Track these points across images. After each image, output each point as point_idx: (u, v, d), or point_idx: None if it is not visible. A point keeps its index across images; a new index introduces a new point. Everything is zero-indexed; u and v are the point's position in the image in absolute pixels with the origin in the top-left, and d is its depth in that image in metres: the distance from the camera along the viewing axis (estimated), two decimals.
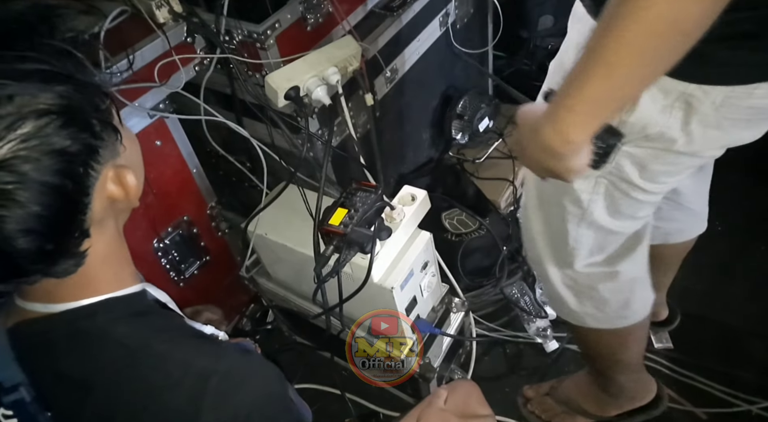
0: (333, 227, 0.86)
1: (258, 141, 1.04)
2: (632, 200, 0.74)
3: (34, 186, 0.40)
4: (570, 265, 0.85)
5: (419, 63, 1.31)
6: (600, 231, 0.79)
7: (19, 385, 0.50)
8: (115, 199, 0.49)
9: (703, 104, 0.62)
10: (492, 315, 1.36)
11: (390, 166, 1.40)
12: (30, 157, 0.40)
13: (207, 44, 0.95)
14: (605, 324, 0.92)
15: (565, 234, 0.81)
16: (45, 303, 0.50)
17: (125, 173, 0.49)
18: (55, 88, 0.41)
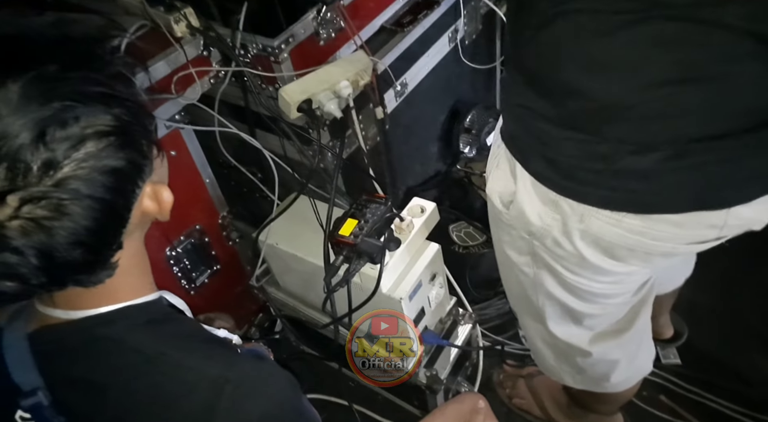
0: (343, 237, 0.87)
1: (270, 152, 1.06)
2: (576, 287, 0.71)
3: (86, 202, 0.42)
4: (545, 325, 0.82)
5: (428, 78, 1.33)
6: (562, 306, 0.76)
7: (38, 389, 0.51)
8: (148, 213, 0.51)
9: (571, 219, 0.61)
10: (499, 328, 1.37)
11: (398, 179, 1.42)
12: (87, 176, 0.42)
13: (222, 57, 0.98)
14: (584, 386, 0.91)
15: (528, 298, 0.80)
16: (66, 309, 0.51)
17: (162, 190, 0.51)
18: (113, 111, 0.43)
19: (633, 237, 0.59)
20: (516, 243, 0.73)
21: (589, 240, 0.62)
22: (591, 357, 0.82)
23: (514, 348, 1.33)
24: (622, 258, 0.63)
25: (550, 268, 0.70)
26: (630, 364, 0.85)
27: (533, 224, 0.65)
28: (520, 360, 1.31)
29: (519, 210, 0.66)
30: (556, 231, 0.63)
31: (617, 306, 0.75)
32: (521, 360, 1.31)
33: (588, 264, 0.65)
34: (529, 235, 0.68)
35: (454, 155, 1.57)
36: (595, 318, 0.77)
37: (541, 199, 0.63)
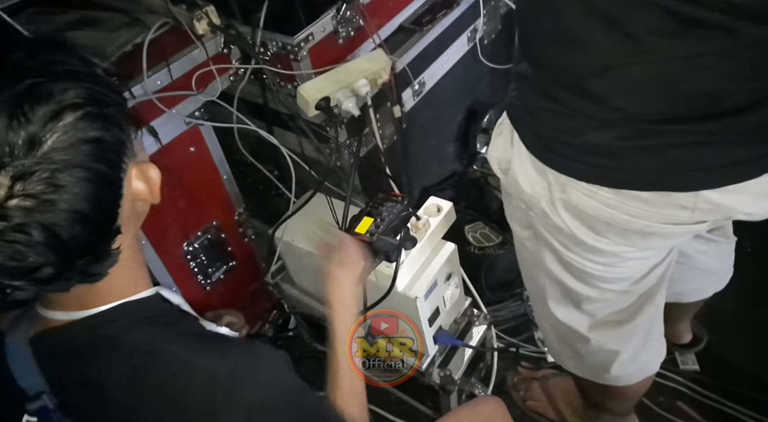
0: (359, 235, 0.87)
1: (287, 150, 1.06)
2: (573, 265, 0.71)
3: (76, 171, 0.43)
4: (547, 306, 0.82)
5: (446, 77, 1.33)
6: (562, 288, 0.75)
7: (42, 393, 0.52)
8: (139, 197, 0.51)
9: (554, 188, 0.63)
10: (514, 330, 1.35)
11: (414, 178, 1.42)
12: (71, 145, 0.43)
13: (242, 55, 0.98)
14: (584, 374, 0.90)
15: (532, 276, 0.80)
16: (67, 311, 0.52)
17: (148, 168, 0.52)
18: (83, 85, 0.45)
19: (608, 211, 0.60)
20: (516, 214, 0.74)
21: (572, 212, 0.63)
22: (589, 344, 0.81)
23: (528, 350, 1.32)
24: (601, 232, 0.64)
25: (548, 243, 0.71)
26: (632, 359, 0.84)
27: (525, 192, 0.67)
28: (534, 362, 1.30)
29: (513, 177, 0.68)
30: (543, 200, 0.65)
31: (617, 294, 0.74)
32: (536, 362, 1.30)
33: (575, 239, 0.66)
34: (524, 205, 0.70)
35: (470, 155, 1.57)
36: (593, 303, 0.76)
37: (534, 167, 0.65)
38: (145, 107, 0.87)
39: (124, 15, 0.99)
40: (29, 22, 1.05)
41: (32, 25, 1.04)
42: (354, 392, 0.70)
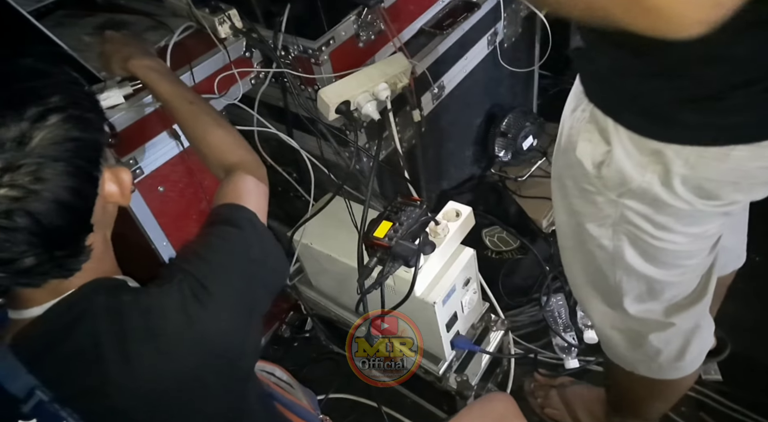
0: (378, 239, 0.87)
1: (307, 153, 1.07)
2: (662, 249, 0.71)
3: (61, 167, 0.48)
4: (620, 307, 0.81)
5: (466, 80, 1.32)
6: (643, 279, 0.76)
7: (34, 389, 0.52)
8: (110, 199, 0.55)
9: (675, 163, 0.62)
10: (531, 336, 1.34)
11: (432, 182, 1.41)
12: (57, 142, 0.48)
13: (264, 59, 0.99)
14: (658, 374, 0.88)
15: (603, 277, 0.79)
16: (41, 304, 0.54)
17: (120, 171, 0.56)
18: (66, 91, 0.50)
19: (740, 170, 0.61)
20: (600, 212, 0.73)
21: (691, 185, 0.63)
22: (671, 329, 0.81)
23: (546, 356, 1.31)
24: (724, 195, 0.64)
25: (634, 235, 0.71)
26: (702, 334, 0.84)
27: (633, 179, 0.65)
28: (552, 369, 1.29)
29: (617, 167, 0.66)
30: (656, 183, 0.64)
31: (694, 269, 0.76)
32: (554, 369, 1.29)
33: (684, 213, 0.66)
34: (619, 196, 0.68)
35: (489, 159, 1.56)
36: (674, 288, 0.77)
37: (641, 150, 0.64)
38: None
39: (149, 18, 1.00)
40: (57, 25, 1.07)
41: (60, 27, 1.06)
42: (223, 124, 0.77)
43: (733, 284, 1.10)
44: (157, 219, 0.96)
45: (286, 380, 0.93)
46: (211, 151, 0.75)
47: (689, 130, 0.60)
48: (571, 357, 1.27)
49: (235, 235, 0.62)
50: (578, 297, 0.91)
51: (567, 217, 0.80)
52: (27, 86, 0.48)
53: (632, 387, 0.95)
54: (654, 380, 0.89)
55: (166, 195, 0.96)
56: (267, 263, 0.64)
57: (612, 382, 1.03)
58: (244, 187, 0.69)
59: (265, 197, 0.73)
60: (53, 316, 0.53)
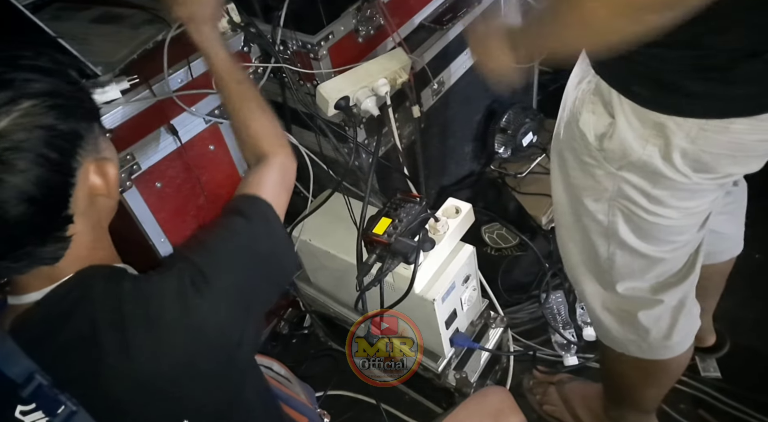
0: (377, 236, 0.86)
1: (305, 149, 1.06)
2: (655, 224, 0.73)
3: (28, 155, 0.47)
4: (610, 286, 0.83)
5: (465, 76, 1.31)
6: (635, 255, 0.77)
7: (33, 373, 0.52)
8: (96, 191, 0.54)
9: (676, 136, 0.63)
10: (531, 333, 1.34)
11: (432, 178, 1.41)
12: (26, 128, 0.46)
13: (262, 53, 0.98)
14: (648, 354, 0.89)
15: (595, 253, 0.80)
16: (38, 290, 0.54)
17: (107, 165, 0.54)
18: (46, 78, 0.49)
19: (738, 142, 0.62)
20: (598, 185, 0.74)
21: (690, 158, 0.64)
22: (658, 307, 0.82)
23: (545, 353, 1.31)
24: (722, 167, 0.65)
25: (629, 211, 0.72)
26: (690, 314, 0.85)
27: (634, 151, 0.66)
28: (551, 366, 1.29)
29: (619, 139, 0.67)
30: (656, 156, 0.65)
31: (684, 245, 0.77)
32: (553, 366, 1.28)
33: (681, 187, 0.67)
34: (619, 169, 0.70)
35: (488, 155, 1.55)
36: (662, 265, 0.78)
37: (643, 123, 0.65)
38: (166, 105, 0.88)
39: (145, 12, 0.99)
40: (53, 18, 1.06)
41: (56, 21, 1.05)
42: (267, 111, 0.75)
43: (733, 281, 1.10)
44: (154, 216, 0.95)
45: (284, 374, 0.93)
46: (249, 137, 0.73)
47: (693, 103, 0.61)
48: (570, 354, 1.26)
49: (244, 227, 0.61)
50: (572, 278, 0.92)
51: (565, 192, 0.81)
52: (3, 72, 0.47)
53: (626, 372, 0.96)
54: (646, 362, 0.90)
55: (164, 191, 0.95)
56: (274, 258, 0.63)
57: (607, 369, 1.04)
58: (268, 178, 0.69)
59: (287, 192, 0.72)
60: (51, 302, 0.53)
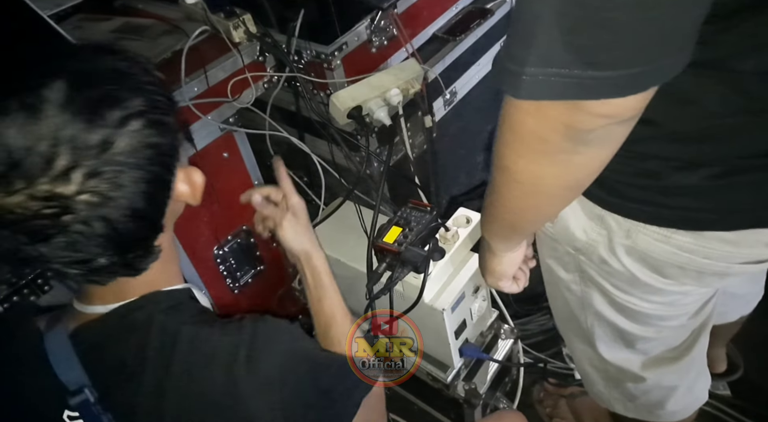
0: (387, 245, 0.87)
1: (318, 157, 1.07)
2: (627, 307, 0.68)
3: (137, 173, 0.48)
4: (594, 348, 0.78)
5: (478, 87, 1.32)
6: (613, 327, 0.72)
7: (84, 387, 0.53)
8: (181, 198, 0.55)
9: (617, 234, 0.60)
10: (541, 345, 1.33)
11: (443, 188, 1.41)
12: (134, 150, 0.47)
13: (277, 63, 1.00)
14: (636, 415, 0.86)
15: (577, 319, 0.77)
16: (104, 304, 0.55)
17: (193, 172, 0.56)
18: (145, 94, 0.49)
19: (683, 255, 0.57)
20: (562, 258, 0.71)
21: (636, 257, 0.60)
22: (645, 383, 0.78)
23: (556, 366, 1.29)
24: (673, 276, 0.61)
25: (599, 286, 0.68)
26: (688, 392, 0.81)
27: (578, 239, 0.64)
28: (562, 378, 1.27)
29: (563, 225, 0.65)
30: (601, 247, 0.62)
31: (674, 329, 0.71)
32: (563, 378, 1.27)
33: (638, 283, 0.63)
34: (574, 251, 0.67)
35: None
36: (649, 342, 0.73)
37: (587, 214, 0.62)
38: (182, 113, 0.90)
39: (164, 23, 1.02)
40: (75, 29, 1.09)
41: (78, 31, 1.08)
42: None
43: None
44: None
45: None
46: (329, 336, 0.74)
47: (632, 203, 0.57)
48: None
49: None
50: (560, 331, 0.90)
51: (540, 256, 0.78)
52: (109, 89, 0.47)
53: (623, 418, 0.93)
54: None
55: None
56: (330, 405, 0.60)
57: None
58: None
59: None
60: (114, 319, 0.55)
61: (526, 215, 0.57)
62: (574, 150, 0.44)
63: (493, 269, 0.70)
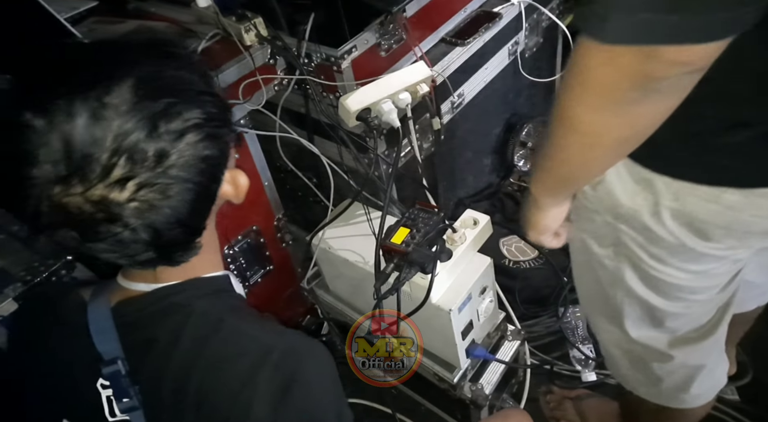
0: (395, 245, 0.88)
1: (327, 159, 1.08)
2: (662, 280, 0.68)
3: (186, 185, 0.49)
4: (622, 327, 0.78)
5: (485, 90, 1.33)
6: (644, 306, 0.72)
7: (117, 358, 0.55)
8: (225, 197, 0.56)
9: (664, 196, 0.59)
10: (548, 347, 1.33)
11: (450, 190, 1.42)
12: (188, 163, 0.48)
13: (287, 66, 1.01)
14: (658, 400, 0.85)
15: (606, 295, 0.77)
16: (148, 283, 0.58)
17: (238, 175, 0.57)
18: (202, 105, 0.50)
19: (731, 214, 0.58)
20: (599, 231, 0.71)
21: (682, 221, 0.61)
22: (671, 363, 0.77)
23: (562, 368, 1.29)
24: (717, 238, 0.61)
25: (633, 260, 0.68)
26: (710, 375, 0.80)
27: (622, 205, 0.64)
28: (568, 381, 1.27)
29: (607, 190, 0.65)
30: (645, 212, 0.62)
31: (702, 305, 0.71)
32: (570, 381, 1.27)
33: (678, 249, 0.63)
34: (614, 219, 0.67)
35: (507, 168, 1.56)
36: (678, 319, 0.73)
37: (633, 177, 0.62)
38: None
39: (177, 26, 1.03)
40: (90, 31, 1.11)
41: (92, 34, 1.10)
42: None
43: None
44: None
45: None
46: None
47: (680, 164, 0.58)
48: (588, 369, 1.25)
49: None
50: (585, 313, 0.90)
51: (576, 232, 0.78)
52: (170, 101, 0.47)
53: (641, 409, 0.93)
54: (658, 405, 0.86)
55: None
56: None
57: (624, 398, 1.00)
58: None
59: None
60: (155, 298, 0.57)
61: (581, 168, 0.58)
62: (642, 99, 0.46)
63: (537, 223, 0.71)
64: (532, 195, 0.68)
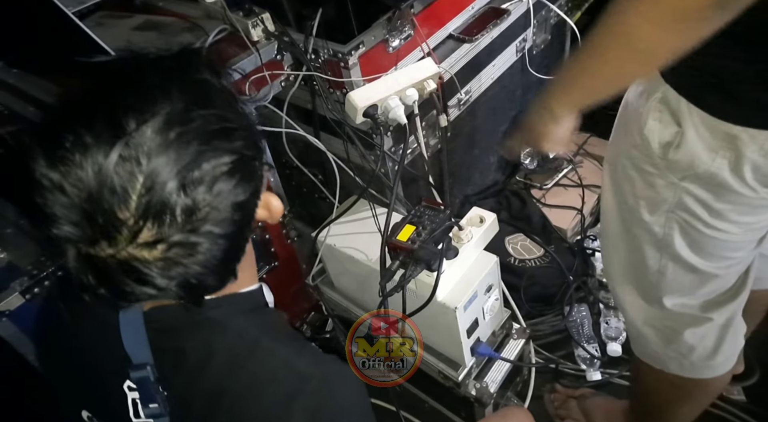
0: (401, 243, 0.87)
1: (333, 155, 1.08)
2: (713, 238, 0.70)
3: (218, 240, 0.46)
4: (657, 301, 0.80)
5: (493, 87, 1.32)
6: (688, 269, 0.75)
7: (147, 364, 0.54)
8: (259, 220, 0.54)
9: (749, 149, 0.60)
10: (553, 345, 1.33)
11: (456, 187, 1.41)
12: (220, 217, 0.45)
13: (294, 62, 1.01)
14: (689, 372, 0.86)
15: (644, 266, 0.78)
16: None
17: (271, 198, 0.54)
18: (233, 146, 0.45)
19: None
20: (658, 196, 0.72)
21: (760, 174, 0.62)
22: (708, 324, 0.80)
23: (568, 367, 1.29)
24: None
25: (686, 224, 0.71)
26: (736, 336, 0.83)
27: (702, 163, 0.65)
28: (574, 380, 1.27)
29: (687, 149, 0.65)
30: (724, 169, 0.64)
31: (739, 262, 0.75)
32: (575, 380, 1.27)
33: (747, 201, 0.65)
34: (682, 179, 0.68)
35: (514, 166, 1.55)
36: (715, 282, 0.76)
37: (714, 134, 0.63)
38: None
39: (184, 20, 1.03)
40: (97, 26, 1.11)
41: (100, 28, 1.10)
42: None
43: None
44: None
45: None
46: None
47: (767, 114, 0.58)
48: (593, 369, 1.25)
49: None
50: (614, 291, 0.90)
51: (614, 200, 0.80)
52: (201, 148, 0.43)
53: (662, 389, 0.93)
54: (685, 380, 0.87)
55: None
56: None
57: (640, 385, 1.00)
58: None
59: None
60: (183, 313, 0.54)
61: (618, 81, 0.60)
62: (712, 18, 0.47)
63: (552, 134, 0.73)
64: (550, 107, 0.70)
